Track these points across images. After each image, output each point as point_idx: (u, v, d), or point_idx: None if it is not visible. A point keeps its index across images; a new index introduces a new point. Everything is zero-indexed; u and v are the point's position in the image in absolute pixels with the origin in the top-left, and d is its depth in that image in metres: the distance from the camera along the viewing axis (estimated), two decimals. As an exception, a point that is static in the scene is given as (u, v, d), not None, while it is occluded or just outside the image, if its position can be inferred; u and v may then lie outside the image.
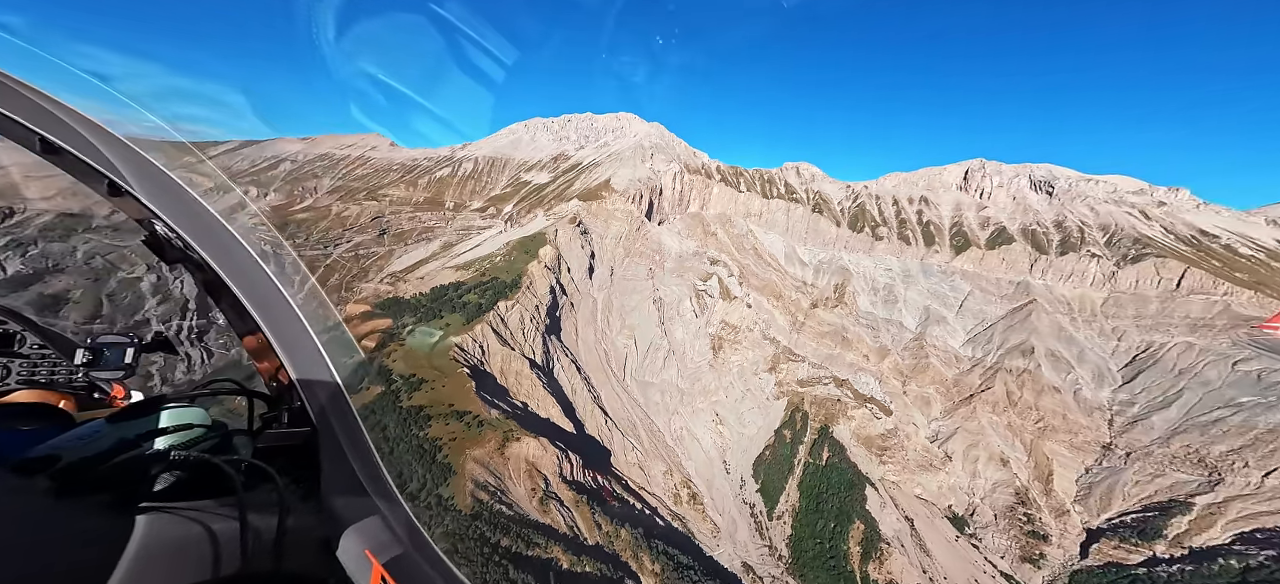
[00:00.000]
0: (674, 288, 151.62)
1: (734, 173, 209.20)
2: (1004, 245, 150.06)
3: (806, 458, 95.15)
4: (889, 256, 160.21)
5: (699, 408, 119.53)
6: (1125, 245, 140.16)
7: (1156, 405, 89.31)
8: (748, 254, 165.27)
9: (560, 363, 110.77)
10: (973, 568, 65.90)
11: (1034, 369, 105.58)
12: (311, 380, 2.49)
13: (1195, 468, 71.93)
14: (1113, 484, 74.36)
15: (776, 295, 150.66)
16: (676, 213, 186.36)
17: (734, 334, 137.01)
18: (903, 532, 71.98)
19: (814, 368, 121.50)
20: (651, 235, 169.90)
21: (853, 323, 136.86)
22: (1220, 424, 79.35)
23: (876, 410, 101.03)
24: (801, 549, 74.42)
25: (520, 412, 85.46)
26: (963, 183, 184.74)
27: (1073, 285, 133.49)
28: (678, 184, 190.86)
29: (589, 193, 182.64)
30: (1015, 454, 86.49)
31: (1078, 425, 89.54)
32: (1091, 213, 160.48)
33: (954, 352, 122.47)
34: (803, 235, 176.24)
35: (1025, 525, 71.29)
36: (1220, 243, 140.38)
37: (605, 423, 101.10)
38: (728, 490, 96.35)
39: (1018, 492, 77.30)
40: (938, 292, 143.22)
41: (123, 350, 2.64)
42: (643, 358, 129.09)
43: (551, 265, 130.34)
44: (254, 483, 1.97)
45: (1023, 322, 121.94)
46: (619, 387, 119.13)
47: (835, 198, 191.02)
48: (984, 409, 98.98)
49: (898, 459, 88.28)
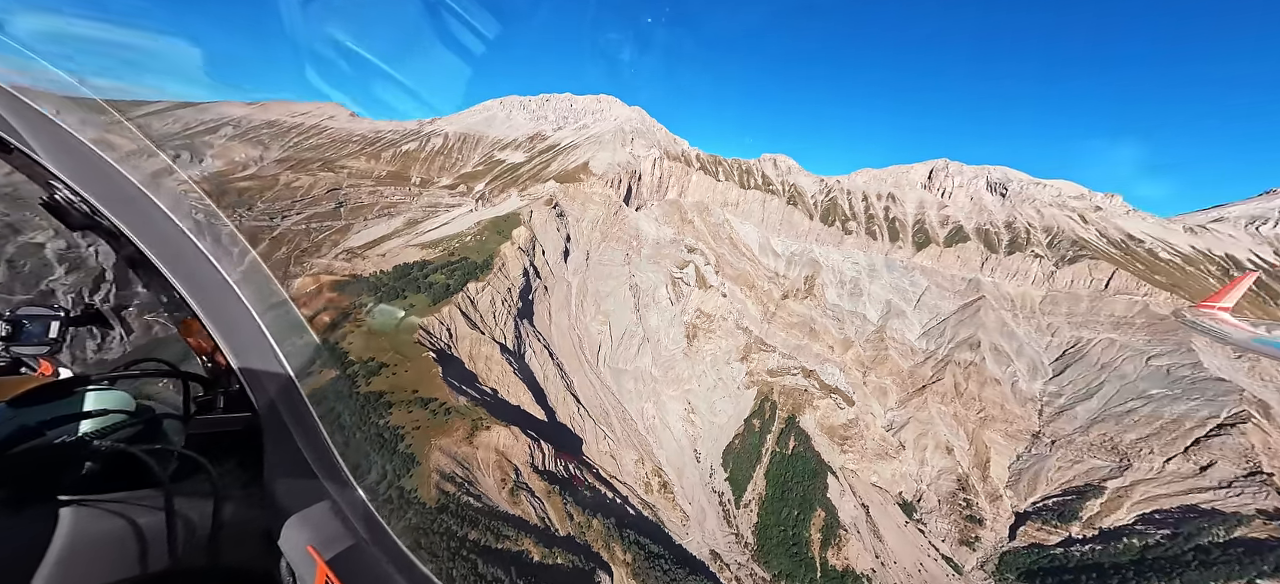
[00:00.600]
0: (650, 274, 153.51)
1: (713, 161, 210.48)
2: (960, 243, 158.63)
3: (774, 447, 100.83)
4: (856, 251, 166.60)
5: (671, 396, 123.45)
6: (1064, 246, 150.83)
7: (1080, 397, 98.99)
8: (724, 243, 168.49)
9: (532, 348, 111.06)
10: (918, 551, 73.13)
11: (979, 362, 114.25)
12: (253, 363, 2.32)
13: (1108, 454, 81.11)
14: (1038, 470, 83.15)
15: (750, 285, 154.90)
16: (655, 199, 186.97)
17: (708, 323, 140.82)
18: (859, 518, 78.55)
19: (783, 358, 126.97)
20: (629, 221, 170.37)
21: (820, 314, 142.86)
22: (1133, 414, 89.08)
23: (840, 401, 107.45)
24: (766, 537, 79.89)
25: (490, 399, 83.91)
26: (927, 181, 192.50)
27: (1016, 283, 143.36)
28: (657, 170, 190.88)
29: (567, 175, 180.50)
30: (959, 443, 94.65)
31: (1013, 415, 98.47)
32: (1037, 215, 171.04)
33: (910, 344, 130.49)
34: (777, 227, 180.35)
35: (964, 510, 79.16)
36: (1144, 247, 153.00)
37: (578, 411, 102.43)
38: (697, 479, 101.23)
39: (959, 478, 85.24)
40: (898, 286, 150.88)
41: (46, 323, 2.44)
42: (617, 345, 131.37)
43: (525, 247, 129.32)
44: (187, 473, 1.88)
45: (972, 317, 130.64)
46: (592, 374, 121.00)
47: (809, 191, 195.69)
48: (934, 400, 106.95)
49: (857, 448, 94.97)
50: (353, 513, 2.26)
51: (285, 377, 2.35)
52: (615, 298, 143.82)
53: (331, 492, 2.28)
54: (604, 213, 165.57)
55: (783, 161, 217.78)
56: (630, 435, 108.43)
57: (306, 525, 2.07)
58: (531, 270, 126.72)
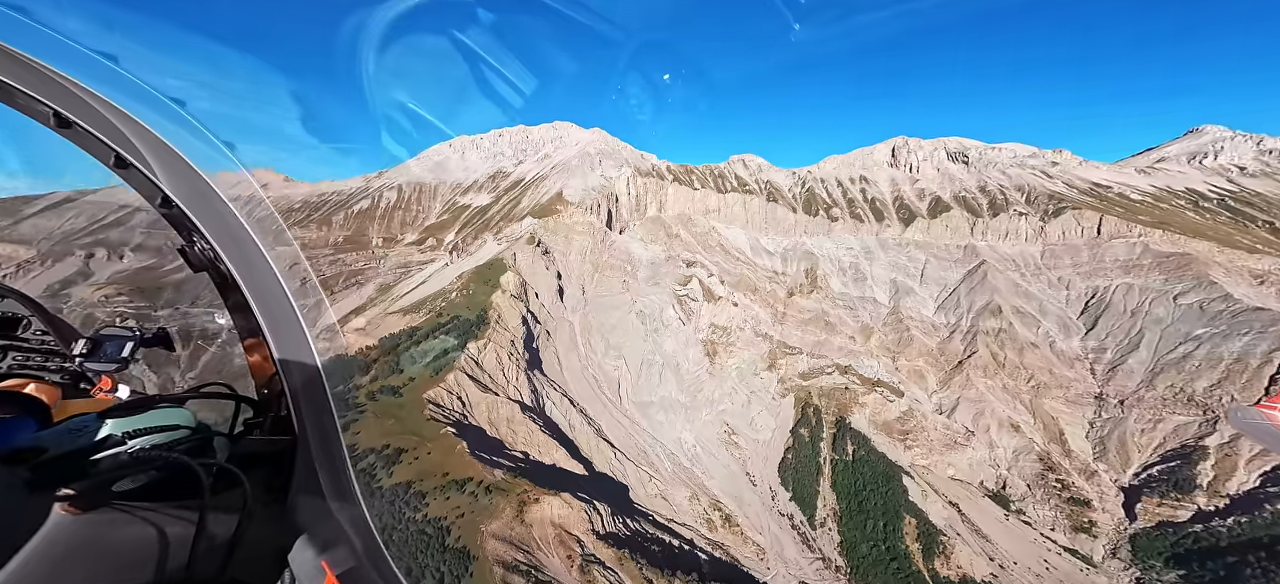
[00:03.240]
0: (653, 297, 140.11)
1: (685, 171, 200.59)
2: (944, 213, 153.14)
3: (831, 454, 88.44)
4: (847, 236, 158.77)
5: (707, 420, 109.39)
6: (1042, 202, 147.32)
7: (1126, 349, 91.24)
8: (714, 251, 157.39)
9: (550, 399, 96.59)
10: (1034, 546, 61.78)
11: (1007, 327, 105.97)
12: (302, 391, 2.30)
13: (1189, 408, 72.64)
14: (1121, 435, 73.86)
15: (752, 289, 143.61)
16: (635, 219, 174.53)
17: (726, 336, 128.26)
18: (953, 519, 66.73)
19: (812, 358, 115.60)
20: (618, 245, 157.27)
21: (831, 306, 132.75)
22: (1190, 359, 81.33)
23: (887, 393, 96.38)
24: (857, 556, 66.78)
25: (524, 465, 71.93)
26: (892, 159, 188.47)
27: (1011, 243, 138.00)
28: (632, 189, 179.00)
29: (542, 209, 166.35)
30: (1022, 417, 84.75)
31: (1066, 378, 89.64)
32: (1005, 176, 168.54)
33: (929, 320, 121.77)
34: (762, 225, 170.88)
35: (1061, 492, 68.67)
36: (1114, 192, 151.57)
37: (615, 456, 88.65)
38: (760, 505, 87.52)
39: (1041, 457, 75.01)
40: (899, 263, 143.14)
41: (122, 343, 2.40)
42: (637, 377, 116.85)
43: (518, 293, 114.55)
44: (226, 487, 1.86)
45: (981, 283, 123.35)
46: (618, 413, 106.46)
47: (785, 185, 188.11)
48: (976, 375, 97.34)
49: (922, 441, 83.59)
50: (362, 537, 2.32)
51: (327, 408, 2.42)
52: (623, 329, 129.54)
53: (345, 518, 2.34)
54: (590, 242, 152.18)
55: (752, 161, 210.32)
56: (676, 471, 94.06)
57: (317, 544, 2.12)
58: (530, 316, 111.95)
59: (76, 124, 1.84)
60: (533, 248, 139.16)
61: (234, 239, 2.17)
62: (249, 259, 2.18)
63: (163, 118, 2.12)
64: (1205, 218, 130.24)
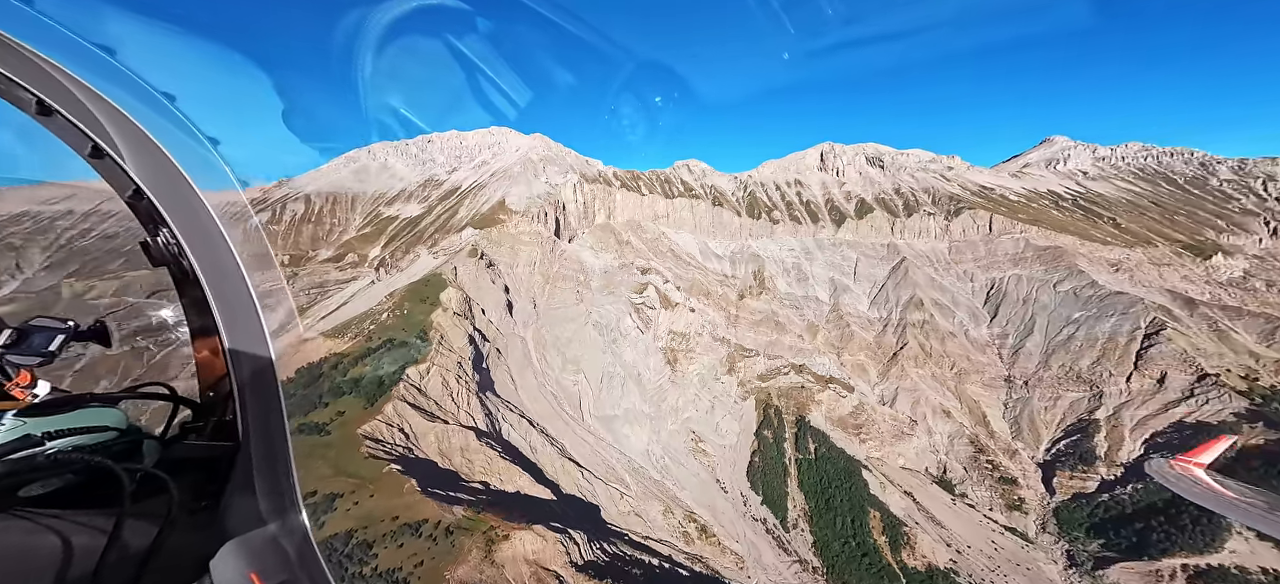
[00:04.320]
0: (609, 307, 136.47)
1: (632, 177, 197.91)
2: (868, 214, 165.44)
3: (795, 454, 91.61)
4: (788, 238, 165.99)
5: (673, 430, 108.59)
6: (945, 203, 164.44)
7: (1023, 333, 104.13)
8: (666, 257, 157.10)
9: (507, 421, 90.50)
10: (981, 529, 68.25)
11: (929, 319, 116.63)
12: (254, 395, 2.16)
13: (1079, 385, 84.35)
14: (1030, 414, 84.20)
15: (705, 293, 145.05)
16: (585, 227, 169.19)
17: (685, 342, 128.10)
18: (910, 509, 71.76)
19: (768, 359, 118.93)
20: (569, 255, 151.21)
21: (780, 306, 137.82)
22: (1073, 340, 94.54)
23: (839, 389, 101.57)
24: (830, 554, 69.43)
25: (485, 497, 66.47)
26: (821, 164, 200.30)
27: (924, 240, 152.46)
28: (579, 196, 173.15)
29: (484, 219, 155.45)
30: (950, 403, 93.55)
31: (980, 363, 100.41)
32: (913, 180, 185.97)
33: (864, 315, 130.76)
34: (710, 230, 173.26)
35: (992, 472, 76.64)
36: (996, 193, 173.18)
37: (582, 476, 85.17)
38: (733, 512, 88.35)
39: (971, 440, 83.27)
40: (835, 262, 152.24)
41: (52, 336, 2.17)
42: (598, 391, 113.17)
43: (462, 310, 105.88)
44: (149, 493, 1.71)
45: (904, 278, 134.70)
46: (581, 430, 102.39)
47: (729, 190, 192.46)
48: (909, 365, 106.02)
49: (873, 434, 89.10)
50: (298, 548, 2.18)
51: (280, 418, 2.26)
52: (580, 342, 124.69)
53: (282, 529, 2.18)
54: (539, 252, 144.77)
55: (696, 166, 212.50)
56: (647, 485, 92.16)
57: (246, 555, 2.00)
58: (477, 335, 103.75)
59: (57, 112, 1.77)
60: (475, 261, 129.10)
61: (204, 235, 2.07)
62: (216, 256, 2.08)
63: (150, 111, 2.05)
64: (1065, 215, 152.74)
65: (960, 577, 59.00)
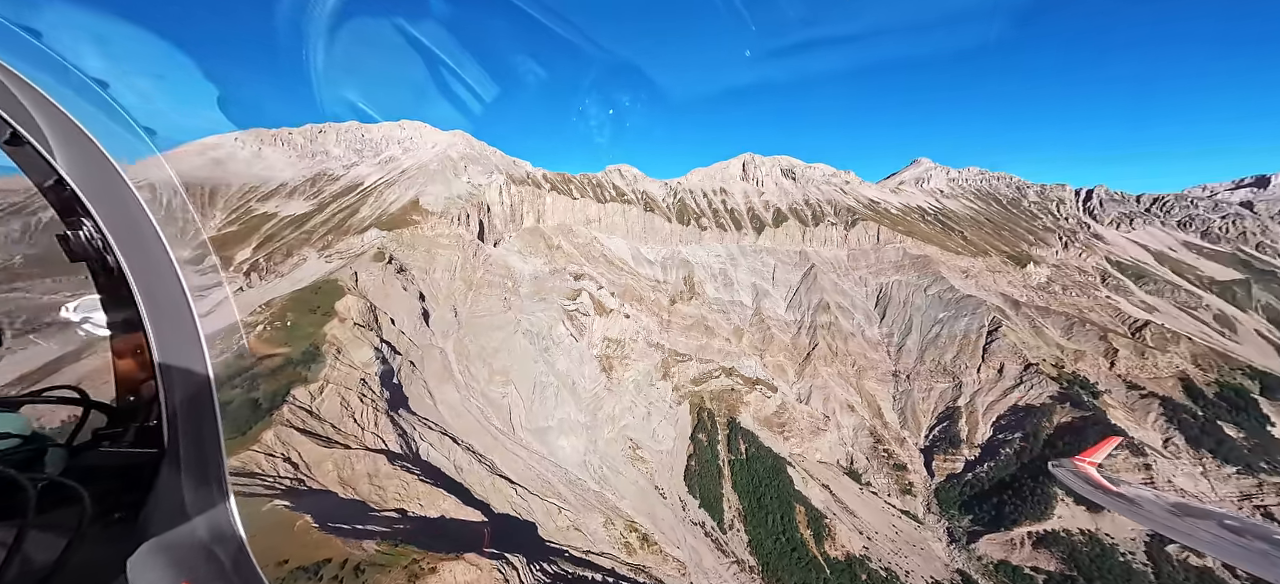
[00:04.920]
0: (540, 315, 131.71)
1: (563, 180, 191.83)
2: (783, 223, 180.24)
3: (728, 456, 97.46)
4: (715, 244, 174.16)
5: (609, 438, 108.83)
6: (844, 214, 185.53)
7: (904, 332, 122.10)
8: (599, 263, 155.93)
9: (426, 441, 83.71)
10: (883, 514, 79.20)
11: (834, 321, 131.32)
12: (183, 398, 2.02)
13: (944, 376, 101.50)
14: (912, 404, 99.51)
15: (638, 299, 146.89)
16: (511, 230, 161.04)
17: (620, 349, 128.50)
18: (829, 501, 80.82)
19: (700, 363, 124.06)
20: (495, 260, 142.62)
21: (708, 311, 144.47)
22: (939, 337, 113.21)
23: (765, 390, 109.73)
24: (764, 552, 75.60)
25: (402, 525, 61.26)
26: (743, 174, 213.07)
27: (828, 248, 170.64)
28: (506, 197, 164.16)
29: (392, 220, 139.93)
30: (853, 398, 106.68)
31: (874, 361, 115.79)
32: (819, 191, 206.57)
33: (782, 318, 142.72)
34: (642, 235, 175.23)
35: (887, 460, 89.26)
36: (882, 207, 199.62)
37: (516, 493, 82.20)
38: (673, 518, 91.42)
39: (871, 431, 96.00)
40: (756, 268, 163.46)
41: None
42: (530, 402, 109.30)
43: (365, 321, 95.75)
44: (57, 503, 1.58)
45: (814, 283, 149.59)
46: (513, 444, 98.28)
47: (660, 196, 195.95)
48: (820, 364, 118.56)
49: (794, 431, 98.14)
50: (232, 558, 2.03)
51: (211, 418, 2.10)
52: (509, 351, 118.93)
53: (215, 539, 2.04)
54: (460, 256, 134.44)
55: (628, 171, 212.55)
56: (586, 497, 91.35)
57: (174, 567, 1.87)
58: (385, 348, 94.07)
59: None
60: (382, 265, 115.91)
61: (132, 228, 1.92)
62: (146, 251, 1.93)
63: (77, 96, 1.89)
64: (930, 228, 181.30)
65: (872, 562, 68.33)
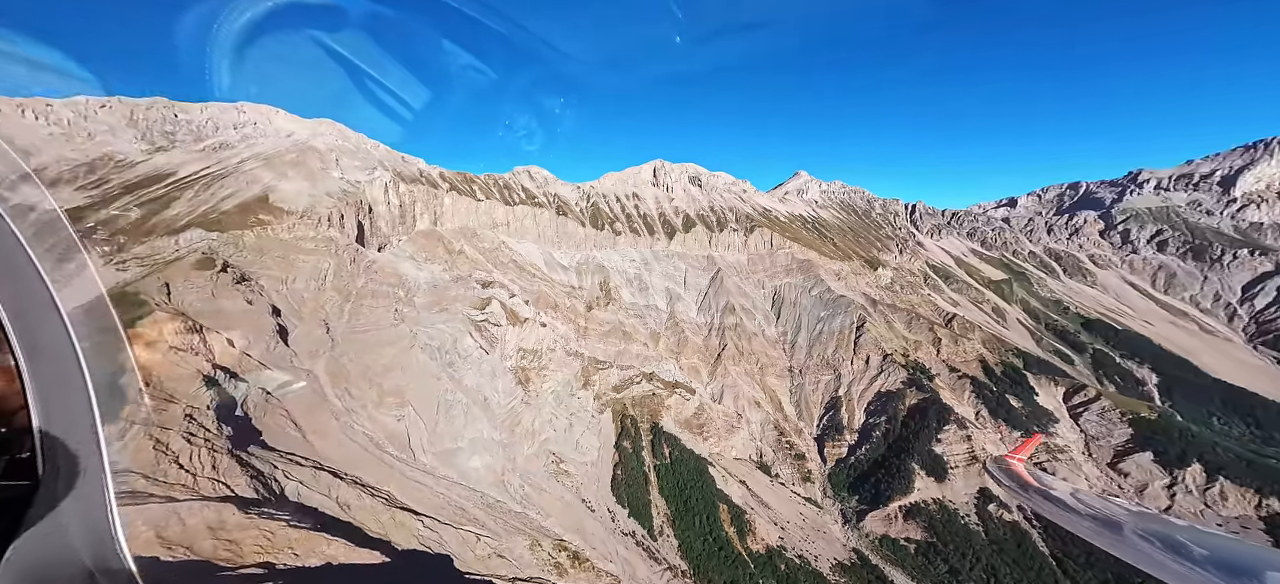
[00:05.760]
0: (443, 327, 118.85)
1: (464, 179, 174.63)
2: (692, 228, 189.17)
3: (653, 461, 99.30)
4: (629, 249, 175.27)
5: (530, 454, 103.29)
6: (744, 221, 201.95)
7: (795, 331, 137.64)
8: (509, 269, 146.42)
9: (294, 479, 70.67)
10: (791, 503, 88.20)
11: (740, 322, 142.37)
12: (66, 432, 1.80)
13: (828, 369, 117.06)
14: (805, 397, 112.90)
15: (553, 306, 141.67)
16: (401, 233, 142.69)
17: (537, 359, 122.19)
18: (747, 496, 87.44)
19: (620, 370, 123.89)
20: (382, 267, 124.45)
21: (625, 316, 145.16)
22: (821, 333, 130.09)
23: (684, 393, 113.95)
24: (694, 554, 79.02)
25: (268, 582, 51.24)
26: (654, 179, 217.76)
27: (731, 253, 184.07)
28: (393, 196, 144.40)
29: (225, 219, 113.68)
30: (759, 395, 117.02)
31: (775, 359, 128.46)
32: (722, 198, 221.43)
33: (695, 321, 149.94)
34: (555, 240, 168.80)
35: (789, 451, 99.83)
36: (773, 215, 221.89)
37: (423, 525, 74.23)
38: (603, 531, 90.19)
39: (775, 425, 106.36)
40: (669, 273, 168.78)
41: None
42: (434, 424, 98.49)
43: (186, 344, 77.76)
44: None
45: (721, 286, 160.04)
46: (416, 472, 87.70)
47: (572, 200, 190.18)
48: (729, 364, 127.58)
49: (712, 431, 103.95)
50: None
51: (95, 447, 1.89)
52: (404, 369, 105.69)
53: (98, 573, 1.84)
54: (333, 263, 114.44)
55: (538, 173, 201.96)
56: (507, 519, 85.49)
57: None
58: (222, 375, 76.75)
59: None
60: (209, 275, 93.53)
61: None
62: (12, 267, 1.65)
63: None
64: (810, 235, 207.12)
65: (788, 551, 75.88)
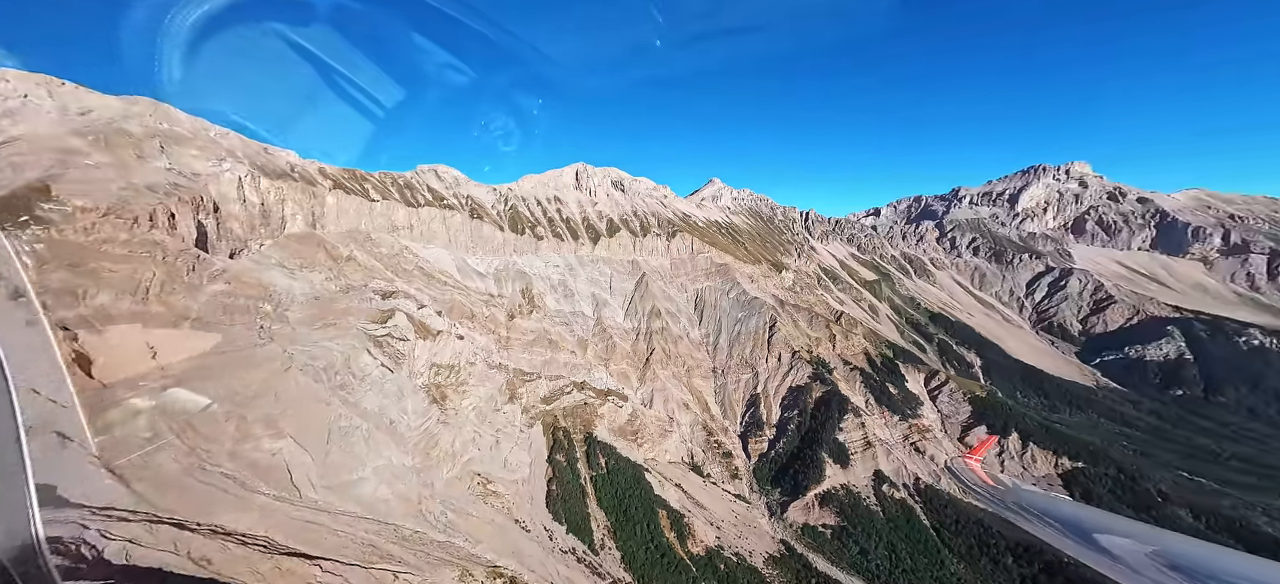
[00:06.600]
0: (329, 345, 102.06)
1: (353, 177, 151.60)
2: (616, 233, 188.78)
3: (589, 472, 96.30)
4: (552, 254, 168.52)
5: (452, 477, 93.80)
6: (666, 226, 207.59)
7: (717, 332, 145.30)
8: (414, 276, 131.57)
9: (119, 538, 56.75)
10: (723, 501, 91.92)
11: (666, 326, 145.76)
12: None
13: (746, 368, 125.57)
14: (728, 396, 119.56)
15: (469, 316, 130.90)
16: (263, 236, 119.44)
17: (454, 375, 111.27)
18: (683, 499, 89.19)
19: (549, 381, 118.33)
20: (239, 276, 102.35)
21: (551, 324, 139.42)
22: (739, 334, 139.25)
23: (616, 400, 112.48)
24: (637, 564, 78.29)
25: None
26: (577, 183, 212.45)
27: (655, 258, 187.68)
28: (251, 194, 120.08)
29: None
30: (687, 397, 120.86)
31: (700, 360, 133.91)
32: (644, 203, 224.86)
33: (622, 326, 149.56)
34: (469, 245, 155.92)
35: (717, 449, 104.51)
36: (692, 220, 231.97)
37: (319, 570, 63.44)
38: (541, 551, 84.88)
39: (703, 426, 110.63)
40: (594, 278, 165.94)
41: None
42: (323, 454, 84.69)
43: None
44: None
45: (646, 291, 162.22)
46: (303, 509, 74.97)
47: (488, 202, 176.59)
48: (658, 368, 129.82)
49: (645, 437, 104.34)
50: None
51: (21, 501, 1.34)
52: (277, 396, 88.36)
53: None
54: (159, 273, 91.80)
55: (446, 173, 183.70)
56: (430, 551, 76.52)
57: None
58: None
59: None
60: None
61: None
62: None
63: None
64: (726, 240, 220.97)
65: (726, 550, 79.05)
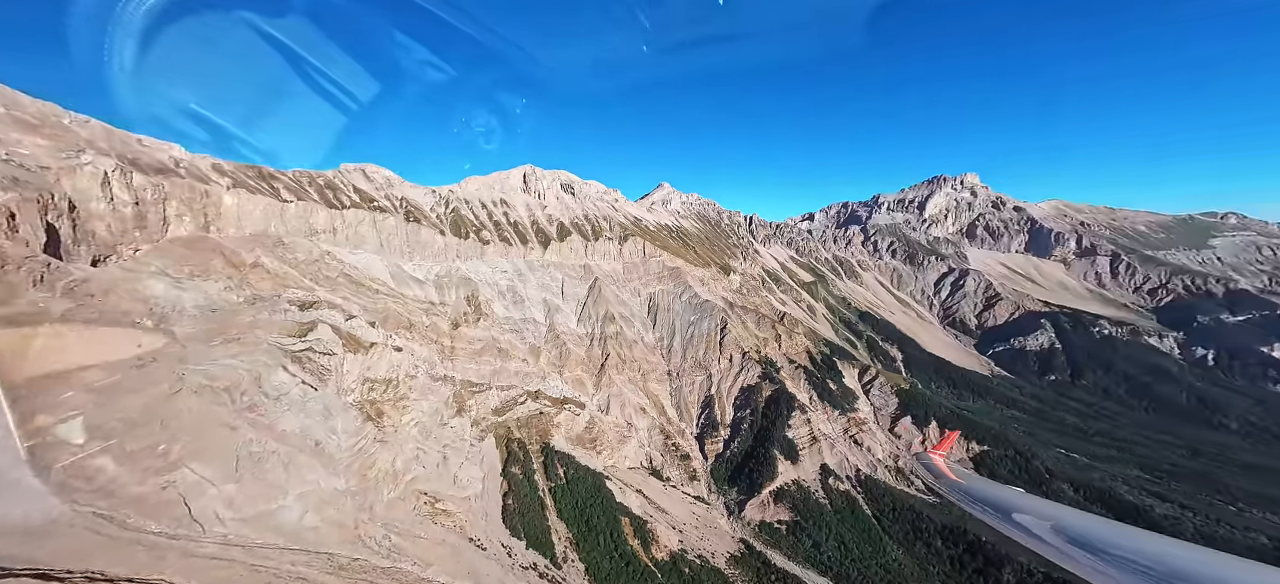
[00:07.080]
0: (232, 363, 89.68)
1: (261, 175, 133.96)
2: (568, 237, 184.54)
3: (548, 484, 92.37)
4: (500, 259, 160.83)
5: (394, 498, 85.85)
6: (618, 230, 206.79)
7: (671, 335, 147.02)
8: (339, 284, 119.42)
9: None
10: (684, 504, 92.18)
11: (620, 331, 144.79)
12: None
13: (700, 369, 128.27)
14: (684, 399, 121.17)
15: (407, 326, 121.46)
16: (138, 241, 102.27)
17: (392, 390, 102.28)
18: (645, 505, 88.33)
19: (501, 391, 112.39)
20: (108, 286, 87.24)
21: (500, 332, 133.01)
22: (693, 336, 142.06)
23: (573, 408, 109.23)
24: (602, 574, 76.10)
25: None
26: (524, 186, 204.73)
27: (607, 262, 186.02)
28: (122, 192, 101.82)
29: None
30: (643, 401, 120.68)
31: (655, 364, 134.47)
32: (595, 207, 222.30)
33: (575, 332, 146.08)
34: (404, 250, 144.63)
35: (675, 453, 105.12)
36: (644, 224, 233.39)
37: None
38: (499, 569, 79.65)
39: (661, 429, 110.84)
40: (545, 283, 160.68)
41: None
42: (234, 483, 74.45)
43: None
44: None
45: (599, 295, 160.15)
46: (211, 545, 65.20)
47: (427, 205, 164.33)
48: (614, 373, 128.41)
49: (604, 444, 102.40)
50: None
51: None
52: (165, 423, 76.54)
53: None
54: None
55: (376, 172, 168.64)
56: (373, 580, 69.40)
57: None
58: None
59: None
60: None
61: None
62: None
63: None
64: (677, 244, 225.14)
65: (689, 553, 79.36)
